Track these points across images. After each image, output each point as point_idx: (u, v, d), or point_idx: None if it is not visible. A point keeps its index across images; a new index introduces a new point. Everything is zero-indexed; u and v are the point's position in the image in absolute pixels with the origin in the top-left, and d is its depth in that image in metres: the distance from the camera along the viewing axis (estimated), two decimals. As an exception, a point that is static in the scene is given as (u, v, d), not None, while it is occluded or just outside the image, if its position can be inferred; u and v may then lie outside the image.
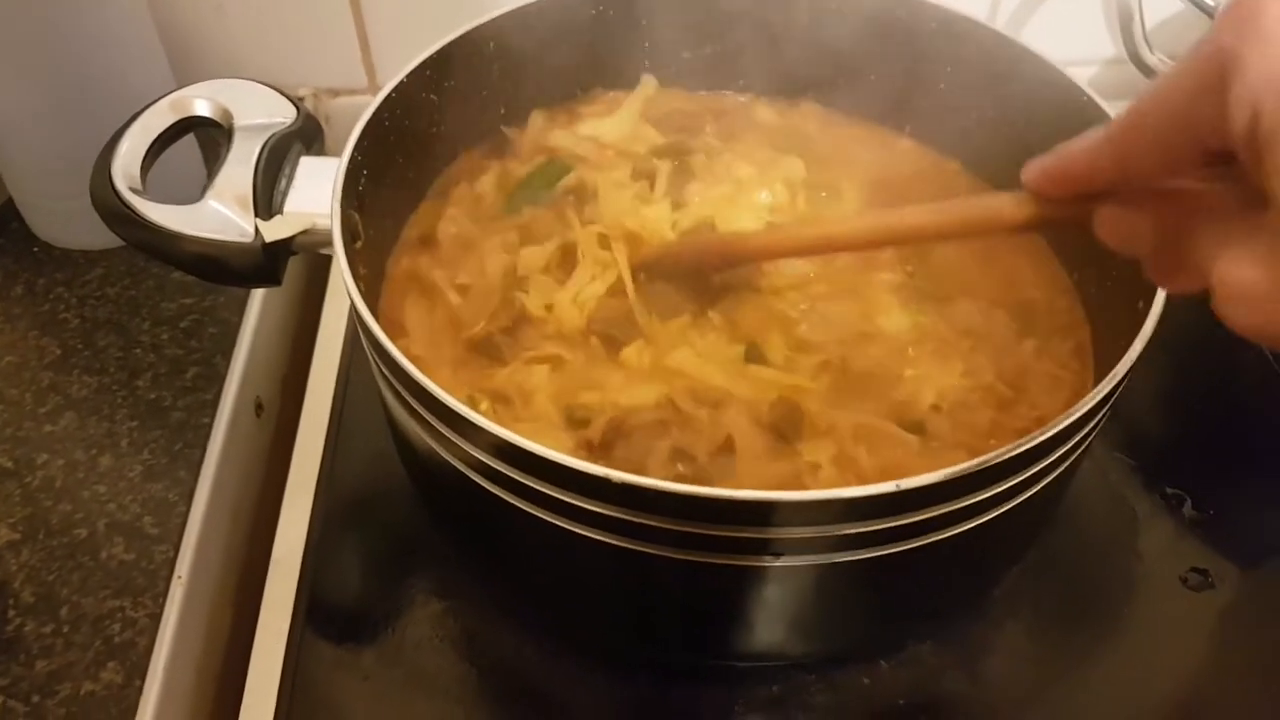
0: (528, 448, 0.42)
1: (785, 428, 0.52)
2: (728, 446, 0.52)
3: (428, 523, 0.61)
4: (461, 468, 0.47)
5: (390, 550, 0.62)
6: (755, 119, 0.71)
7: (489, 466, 0.45)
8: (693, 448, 0.51)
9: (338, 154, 0.56)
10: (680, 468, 0.51)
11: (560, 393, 0.56)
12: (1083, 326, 0.61)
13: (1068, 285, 0.63)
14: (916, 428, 0.54)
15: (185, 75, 0.77)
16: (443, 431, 0.47)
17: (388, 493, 0.63)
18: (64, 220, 0.74)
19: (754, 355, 0.56)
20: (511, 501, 0.46)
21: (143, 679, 0.54)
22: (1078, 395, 0.57)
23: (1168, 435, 0.68)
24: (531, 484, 0.44)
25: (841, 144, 0.69)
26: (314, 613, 0.58)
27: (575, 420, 0.53)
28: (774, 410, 0.53)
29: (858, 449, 0.52)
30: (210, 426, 0.64)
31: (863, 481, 0.46)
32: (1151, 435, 0.67)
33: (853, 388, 0.55)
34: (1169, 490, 0.64)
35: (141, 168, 0.52)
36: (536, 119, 0.70)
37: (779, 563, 0.44)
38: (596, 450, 0.52)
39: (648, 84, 0.71)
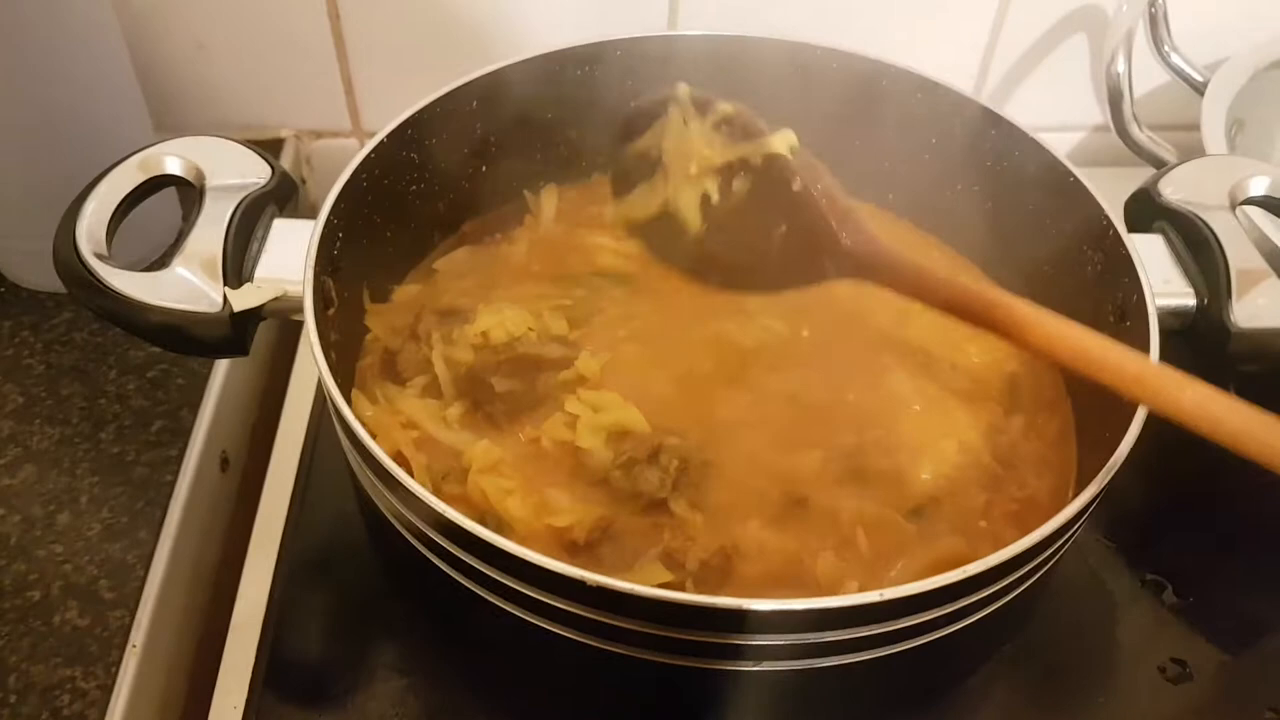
0: (495, 543, 0.41)
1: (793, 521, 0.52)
2: (721, 555, 0.51)
3: (391, 592, 0.60)
4: (426, 552, 0.46)
5: (354, 618, 0.60)
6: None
7: (456, 557, 0.44)
8: (683, 555, 0.50)
9: (319, 199, 0.54)
10: (668, 575, 0.50)
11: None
12: (1066, 403, 0.61)
13: (1048, 364, 0.62)
14: (915, 513, 0.53)
15: (164, 114, 0.77)
16: (406, 514, 0.46)
17: (354, 556, 0.62)
18: (32, 262, 0.73)
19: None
20: (476, 591, 0.45)
21: (90, 755, 0.52)
22: (1064, 476, 0.57)
23: (1150, 519, 0.66)
24: (499, 577, 0.43)
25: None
26: (272, 685, 0.56)
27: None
28: (782, 505, 0.53)
29: (856, 533, 0.52)
30: (173, 485, 0.63)
31: (864, 568, 0.46)
32: (1133, 518, 0.66)
33: (853, 471, 0.55)
34: (1149, 575, 0.64)
35: (107, 230, 0.50)
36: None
37: (755, 668, 0.43)
38: (580, 550, 0.50)
39: None
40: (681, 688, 0.46)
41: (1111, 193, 0.58)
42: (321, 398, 0.70)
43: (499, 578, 0.43)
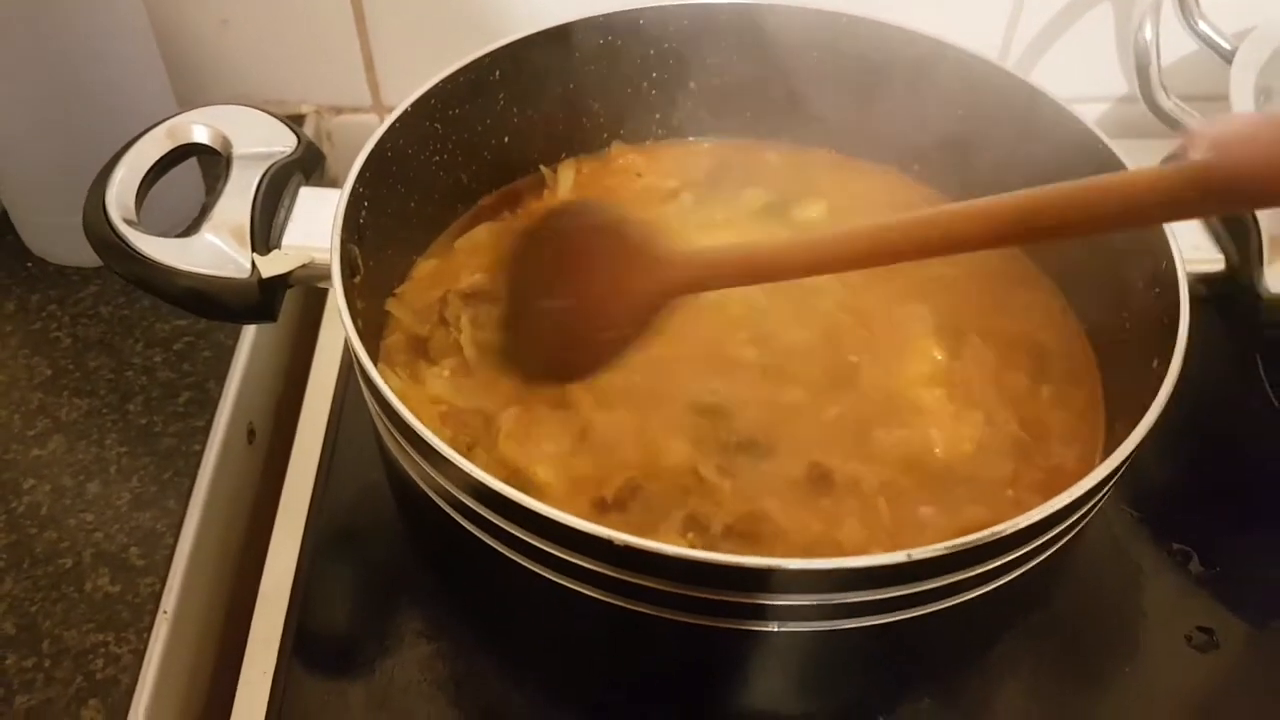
0: (525, 504, 0.41)
1: (818, 490, 0.52)
2: (747, 519, 0.51)
3: (418, 559, 0.60)
4: (455, 515, 0.46)
5: (380, 586, 0.61)
6: (766, 163, 0.70)
7: (486, 519, 0.44)
8: (708, 519, 0.50)
9: (340, 174, 0.54)
10: (691, 536, 0.50)
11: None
12: (1095, 374, 0.60)
13: (1079, 331, 0.62)
14: (940, 483, 0.53)
15: (186, 90, 0.77)
16: (436, 478, 0.46)
17: (379, 525, 0.62)
18: (59, 236, 0.73)
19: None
20: (504, 553, 0.45)
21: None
22: (1092, 445, 0.57)
23: (1175, 488, 0.66)
24: (528, 539, 0.43)
25: (851, 187, 0.68)
26: (301, 651, 0.57)
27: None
28: (808, 473, 0.53)
29: (879, 503, 0.52)
30: (201, 455, 0.63)
31: (888, 536, 0.47)
32: (1159, 488, 0.65)
33: (878, 441, 0.55)
34: (1175, 545, 0.63)
35: (136, 197, 0.50)
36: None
37: (781, 628, 0.43)
38: (609, 508, 0.50)
39: None
40: (706, 649, 0.46)
41: (1139, 163, 0.58)
42: (345, 372, 0.71)
43: (529, 539, 0.43)
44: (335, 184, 0.55)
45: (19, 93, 0.66)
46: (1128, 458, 0.45)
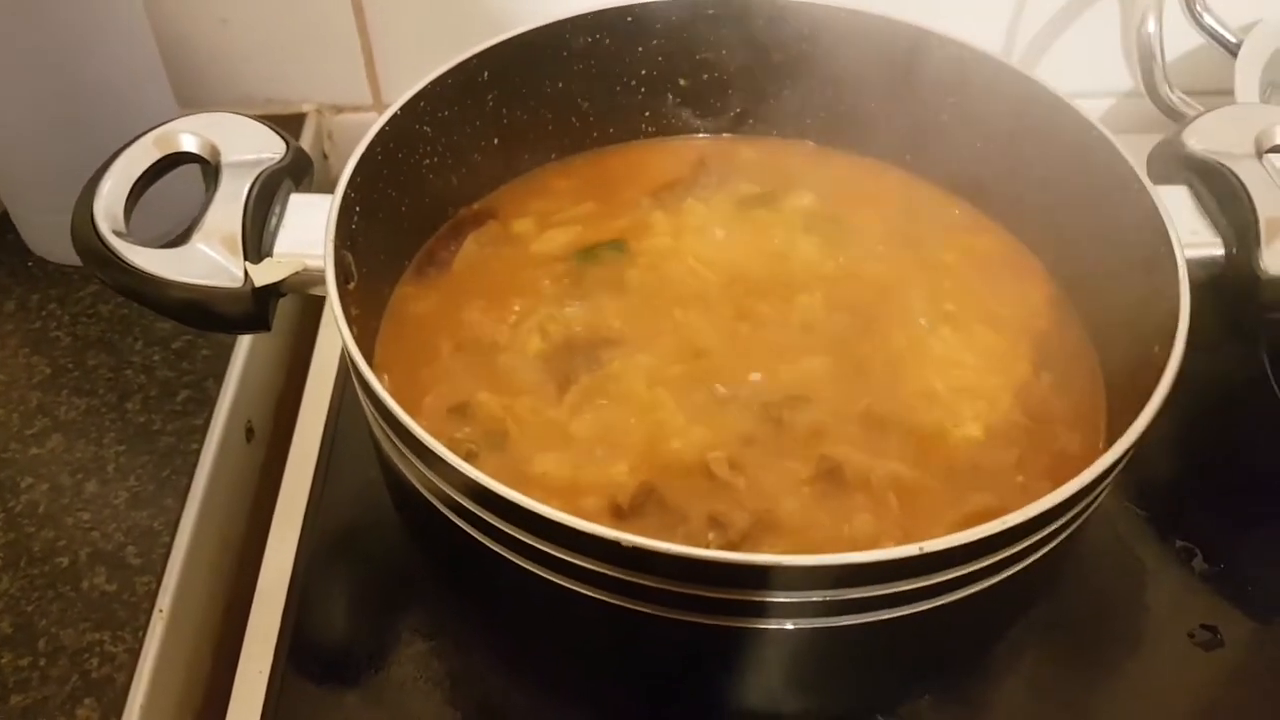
0: (529, 506, 0.41)
1: (830, 484, 0.52)
2: (765, 518, 0.50)
3: (415, 559, 0.60)
4: (454, 518, 0.46)
5: (377, 585, 0.61)
6: (748, 158, 0.69)
7: (485, 521, 0.44)
8: (727, 516, 0.50)
9: (340, 172, 0.54)
10: (712, 537, 0.49)
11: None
12: (1093, 359, 0.60)
13: (1075, 317, 0.62)
14: (948, 472, 0.53)
15: (186, 88, 0.77)
16: (435, 482, 0.45)
17: (376, 525, 0.62)
18: (59, 235, 0.71)
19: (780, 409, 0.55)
20: (505, 555, 0.45)
21: (119, 718, 0.53)
22: (1095, 431, 0.57)
23: (1179, 486, 0.65)
24: (531, 541, 0.43)
25: (834, 177, 0.68)
26: (297, 650, 0.57)
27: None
28: (818, 467, 0.53)
29: (889, 497, 0.52)
30: (199, 453, 0.63)
31: (899, 526, 0.47)
32: (1162, 484, 0.65)
33: (884, 433, 0.55)
34: (1179, 543, 0.63)
35: (125, 207, 0.49)
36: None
37: (795, 625, 0.43)
38: (627, 515, 0.50)
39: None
40: (713, 648, 0.46)
41: (1141, 155, 0.58)
42: (345, 370, 0.71)
43: (531, 541, 0.42)
44: (337, 183, 0.54)
45: (17, 92, 0.66)
46: (1138, 439, 0.44)
